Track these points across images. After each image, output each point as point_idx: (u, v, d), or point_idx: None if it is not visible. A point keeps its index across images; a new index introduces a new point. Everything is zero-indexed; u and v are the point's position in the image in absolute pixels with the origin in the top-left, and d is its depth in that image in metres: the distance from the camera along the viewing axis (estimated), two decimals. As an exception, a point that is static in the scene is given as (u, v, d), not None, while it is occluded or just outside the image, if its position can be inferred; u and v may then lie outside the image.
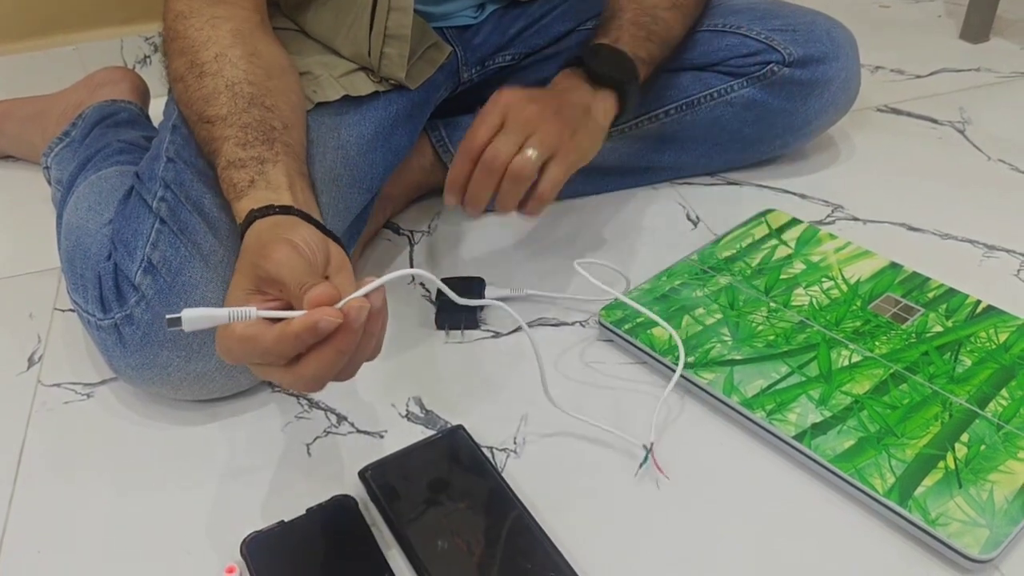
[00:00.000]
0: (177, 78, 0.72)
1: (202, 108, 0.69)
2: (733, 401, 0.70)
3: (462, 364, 0.78)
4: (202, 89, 0.70)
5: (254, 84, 0.70)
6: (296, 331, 0.51)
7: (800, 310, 0.79)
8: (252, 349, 0.53)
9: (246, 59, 0.71)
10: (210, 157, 0.69)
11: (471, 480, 0.66)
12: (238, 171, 0.65)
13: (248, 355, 0.54)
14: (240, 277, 0.57)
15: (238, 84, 0.69)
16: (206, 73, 0.70)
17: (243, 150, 0.66)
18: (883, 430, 0.67)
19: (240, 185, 0.64)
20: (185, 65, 0.72)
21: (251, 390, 0.76)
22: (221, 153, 0.66)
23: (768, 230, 0.90)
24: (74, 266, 0.78)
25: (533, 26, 0.98)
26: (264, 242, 0.57)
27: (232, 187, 0.64)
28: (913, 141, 1.09)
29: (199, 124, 0.70)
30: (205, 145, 0.69)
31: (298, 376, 0.53)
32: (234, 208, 0.64)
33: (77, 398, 0.78)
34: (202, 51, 0.71)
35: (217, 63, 0.70)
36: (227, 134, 0.67)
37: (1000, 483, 0.62)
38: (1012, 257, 0.88)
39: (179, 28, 0.73)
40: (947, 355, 0.73)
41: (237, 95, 0.69)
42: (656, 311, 0.79)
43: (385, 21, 0.81)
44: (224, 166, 0.66)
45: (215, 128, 0.68)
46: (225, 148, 0.66)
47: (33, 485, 0.70)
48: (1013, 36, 1.33)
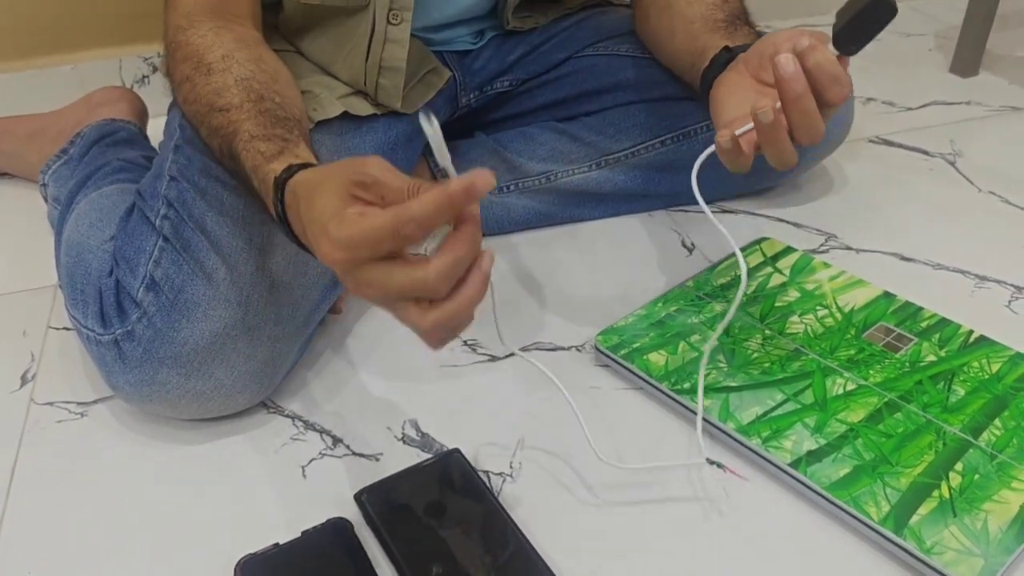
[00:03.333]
0: (183, 80, 0.72)
1: (212, 100, 0.69)
2: (729, 428, 0.70)
3: (459, 387, 0.79)
4: (211, 84, 0.70)
5: (261, 83, 0.70)
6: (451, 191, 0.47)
7: (795, 338, 0.79)
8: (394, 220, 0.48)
9: (253, 62, 0.72)
10: (225, 140, 0.68)
11: (467, 504, 0.66)
12: (264, 143, 0.65)
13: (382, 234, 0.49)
14: (330, 192, 0.53)
15: (247, 80, 0.70)
16: (214, 70, 0.70)
17: (264, 129, 0.66)
18: (878, 458, 0.67)
19: (269, 152, 0.64)
20: (191, 67, 0.72)
21: (247, 411, 0.76)
22: (241, 131, 0.66)
23: (763, 258, 0.91)
24: (74, 282, 0.78)
25: (532, 53, 0.99)
26: (352, 160, 0.54)
27: (259, 154, 0.64)
28: (905, 172, 1.10)
29: (211, 114, 0.69)
30: (219, 131, 0.68)
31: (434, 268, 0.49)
32: (263, 170, 0.63)
33: (70, 417, 0.77)
34: (207, 53, 0.72)
35: (224, 62, 0.71)
36: (244, 117, 0.67)
37: (994, 512, 0.63)
38: (1003, 288, 0.89)
39: (181, 39, 0.74)
40: (940, 384, 0.74)
41: (247, 89, 0.69)
42: (652, 337, 0.80)
43: (380, 53, 0.82)
44: (247, 139, 0.65)
45: (230, 114, 0.68)
46: (245, 126, 0.66)
47: (25, 505, 0.69)
48: (1002, 71, 1.35)
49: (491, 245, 0.97)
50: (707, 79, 0.77)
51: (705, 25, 0.82)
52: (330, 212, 0.52)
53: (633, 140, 0.96)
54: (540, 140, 0.98)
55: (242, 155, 0.66)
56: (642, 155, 0.97)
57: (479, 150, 0.99)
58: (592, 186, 0.98)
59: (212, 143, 0.71)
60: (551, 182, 0.97)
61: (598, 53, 0.98)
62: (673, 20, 0.86)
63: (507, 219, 0.98)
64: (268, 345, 0.73)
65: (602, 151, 0.97)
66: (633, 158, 0.97)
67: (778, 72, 0.62)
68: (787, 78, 0.62)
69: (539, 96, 1.01)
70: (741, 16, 0.83)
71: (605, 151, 0.97)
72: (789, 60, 0.62)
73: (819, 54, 0.62)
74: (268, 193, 0.63)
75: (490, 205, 0.97)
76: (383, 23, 0.81)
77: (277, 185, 0.61)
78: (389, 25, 0.81)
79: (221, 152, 0.70)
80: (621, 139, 0.96)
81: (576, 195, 0.98)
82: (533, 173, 0.97)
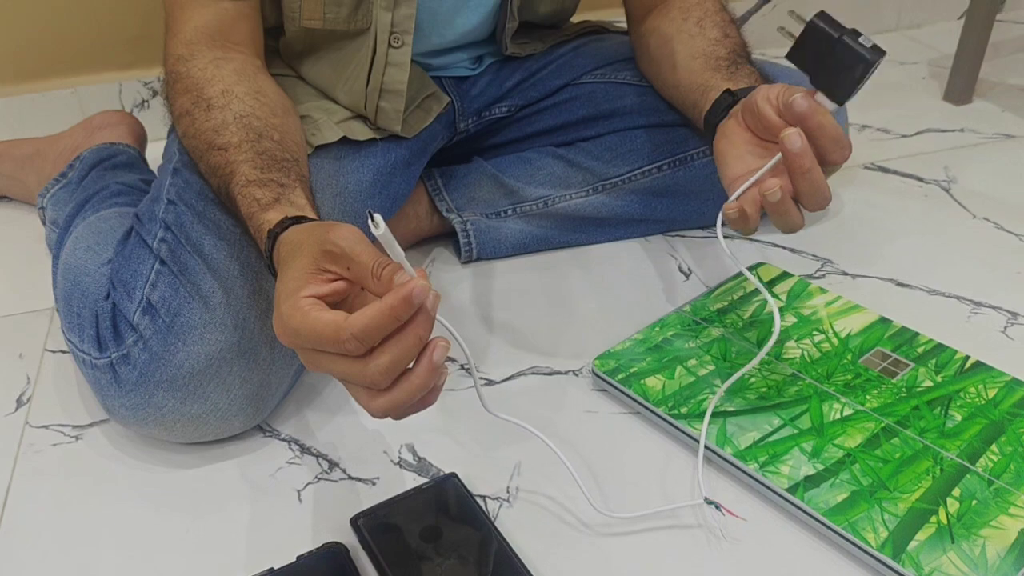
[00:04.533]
0: (183, 113, 0.73)
1: (211, 138, 0.70)
2: (726, 453, 0.70)
3: (455, 411, 0.78)
4: (210, 120, 0.71)
5: (260, 119, 0.71)
6: (391, 304, 0.49)
7: (792, 363, 0.79)
8: (335, 333, 0.50)
9: (252, 96, 0.73)
10: (223, 180, 0.69)
11: (463, 529, 0.65)
12: (260, 188, 0.66)
13: (323, 340, 0.51)
14: (302, 260, 0.55)
15: (246, 117, 0.71)
16: (214, 106, 0.71)
17: (261, 172, 0.67)
18: (875, 484, 0.67)
19: (264, 200, 0.65)
20: (191, 101, 0.73)
21: (243, 434, 0.75)
22: (238, 174, 0.67)
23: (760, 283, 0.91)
24: (71, 305, 0.78)
25: (529, 79, 1.00)
26: (327, 227, 0.55)
27: (255, 201, 0.65)
28: (900, 199, 1.11)
29: (208, 152, 0.70)
30: (216, 171, 0.70)
31: (373, 365, 0.51)
32: (258, 219, 0.64)
33: (65, 440, 0.77)
34: (207, 87, 0.73)
35: (224, 98, 0.72)
36: (242, 158, 0.68)
37: (992, 538, 0.62)
38: (999, 314, 0.89)
39: (181, 70, 0.74)
40: (937, 410, 0.74)
41: (246, 127, 0.70)
42: (649, 361, 0.80)
43: (382, 76, 0.83)
44: (243, 183, 0.66)
45: (228, 154, 0.69)
46: (242, 169, 0.67)
47: (18, 528, 0.69)
48: (995, 98, 1.37)
49: (489, 269, 0.97)
50: (709, 123, 0.78)
51: (707, 63, 0.83)
52: (290, 289, 0.54)
53: (631, 165, 0.97)
54: (538, 165, 0.99)
55: (238, 199, 0.67)
56: (639, 180, 0.98)
57: (477, 175, 0.99)
58: (590, 211, 0.98)
59: (210, 180, 0.72)
60: (549, 207, 0.98)
61: (596, 80, 0.99)
62: (675, 54, 0.87)
63: (505, 243, 0.98)
64: (264, 368, 0.73)
65: (599, 176, 0.97)
66: (630, 183, 0.97)
67: (785, 147, 0.63)
68: (795, 153, 0.63)
69: (537, 122, 1.01)
70: (742, 53, 0.84)
71: (603, 176, 0.97)
72: (796, 137, 0.63)
73: (821, 116, 0.63)
74: (261, 242, 0.64)
75: (488, 229, 0.97)
76: (384, 46, 0.82)
77: (270, 237, 0.62)
78: (391, 48, 0.82)
79: (218, 191, 0.71)
80: (619, 164, 0.97)
81: (574, 220, 0.99)
82: (531, 198, 0.97)
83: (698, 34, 0.85)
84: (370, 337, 0.50)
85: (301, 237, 0.58)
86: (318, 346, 0.52)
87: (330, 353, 0.52)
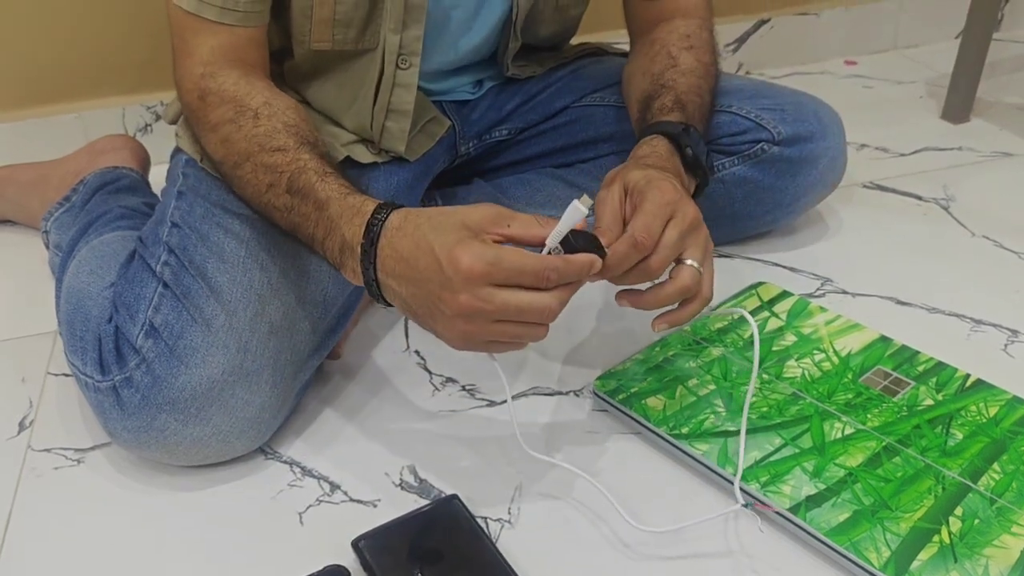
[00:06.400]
0: (223, 121, 0.74)
1: (264, 141, 0.71)
2: (728, 472, 0.70)
3: (457, 433, 0.78)
4: (260, 127, 0.72)
5: (306, 132, 0.74)
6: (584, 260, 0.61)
7: (792, 382, 0.80)
8: (541, 263, 0.59)
9: (292, 109, 0.75)
10: (285, 175, 0.70)
11: (465, 551, 0.65)
12: (343, 179, 0.69)
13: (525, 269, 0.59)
14: (456, 223, 0.60)
15: (294, 127, 0.73)
16: (261, 115, 0.73)
17: (335, 169, 0.70)
18: (877, 503, 0.67)
19: (350, 188, 0.68)
20: (233, 111, 0.74)
21: (245, 457, 0.75)
22: (311, 167, 0.69)
23: (759, 302, 0.91)
24: (73, 328, 0.78)
25: (529, 102, 1.00)
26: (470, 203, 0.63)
27: (342, 186, 0.68)
28: (899, 217, 1.11)
29: (262, 153, 0.71)
30: (274, 168, 0.70)
31: (556, 296, 0.60)
32: (352, 198, 0.66)
33: (67, 463, 0.77)
34: (247, 99, 0.74)
35: (268, 108, 0.73)
36: (307, 156, 0.70)
37: (995, 558, 0.62)
38: (999, 332, 0.89)
39: (211, 85, 0.75)
40: (938, 428, 0.74)
41: (298, 135, 0.72)
42: (650, 381, 0.80)
43: (389, 96, 0.84)
44: (322, 174, 0.68)
45: (290, 153, 0.70)
46: (314, 165, 0.69)
47: (20, 551, 0.69)
48: (993, 117, 1.37)
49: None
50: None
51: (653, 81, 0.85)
52: (469, 235, 0.60)
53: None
54: (538, 186, 1.00)
55: (317, 186, 0.68)
56: (638, 201, 0.98)
57: (478, 196, 1.00)
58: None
59: (258, 179, 0.71)
60: (549, 227, 0.98)
61: (595, 103, 1.00)
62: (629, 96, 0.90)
63: None
64: (266, 391, 0.73)
65: (598, 197, 0.98)
66: (630, 204, 0.98)
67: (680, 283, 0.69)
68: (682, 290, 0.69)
69: (537, 144, 1.02)
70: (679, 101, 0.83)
71: (601, 197, 0.98)
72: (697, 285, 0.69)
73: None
74: (356, 217, 0.65)
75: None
76: (392, 67, 0.82)
77: (379, 209, 0.64)
78: (398, 69, 0.83)
79: (271, 187, 0.71)
80: (618, 185, 0.97)
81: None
82: (531, 219, 0.98)
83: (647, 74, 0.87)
84: (570, 274, 0.60)
85: (440, 210, 0.63)
86: (516, 276, 0.59)
87: (513, 287, 0.59)
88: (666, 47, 0.87)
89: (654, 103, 0.82)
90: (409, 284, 0.62)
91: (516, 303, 0.59)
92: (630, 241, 0.66)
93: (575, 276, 0.61)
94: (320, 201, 0.67)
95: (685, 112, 0.81)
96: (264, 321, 0.73)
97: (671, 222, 0.68)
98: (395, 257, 0.62)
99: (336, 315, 0.81)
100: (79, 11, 1.20)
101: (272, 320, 0.74)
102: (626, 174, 0.72)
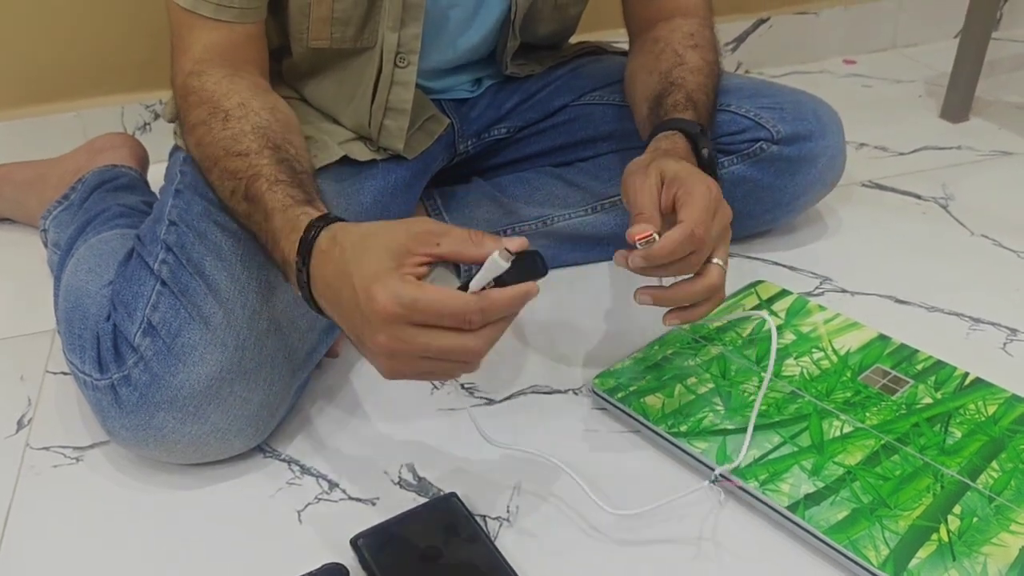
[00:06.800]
0: (198, 123, 0.73)
1: (229, 145, 0.70)
2: (726, 471, 0.70)
3: (455, 431, 0.78)
4: (228, 130, 0.71)
5: (277, 133, 0.72)
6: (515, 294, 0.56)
7: (791, 380, 0.80)
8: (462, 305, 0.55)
9: (268, 110, 0.74)
10: (242, 181, 0.69)
11: (464, 549, 0.65)
12: (292, 188, 0.67)
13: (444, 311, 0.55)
14: (382, 245, 0.57)
15: (263, 129, 0.71)
16: (231, 117, 0.72)
17: (289, 176, 0.68)
18: (876, 501, 0.67)
19: (298, 198, 0.66)
20: (207, 112, 0.73)
21: (243, 455, 0.75)
22: (264, 175, 0.68)
23: (758, 301, 0.91)
24: (72, 327, 0.78)
25: (528, 101, 1.00)
26: (398, 220, 0.60)
27: (288, 197, 0.66)
28: (898, 216, 1.11)
29: (226, 158, 0.70)
30: (235, 173, 0.69)
31: (484, 337, 0.56)
32: (293, 212, 0.65)
33: (66, 462, 0.77)
34: (223, 100, 0.73)
35: (241, 110, 0.72)
36: (265, 163, 0.69)
37: (994, 556, 0.62)
38: (998, 330, 0.89)
39: (194, 84, 0.75)
40: (937, 427, 0.74)
41: (265, 138, 0.71)
42: (648, 379, 0.80)
43: (387, 95, 0.84)
44: (272, 182, 0.67)
45: (250, 158, 0.69)
46: (268, 171, 0.68)
47: (19, 549, 0.69)
48: (991, 116, 1.37)
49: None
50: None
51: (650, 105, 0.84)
52: (386, 268, 0.56)
53: None
54: (536, 185, 1.00)
55: (266, 195, 0.67)
56: (637, 199, 0.98)
57: (477, 195, 1.00)
58: (588, 230, 0.99)
59: (223, 184, 0.71)
60: (547, 226, 0.98)
61: (594, 102, 1.00)
62: (634, 94, 0.89)
63: None
64: (264, 389, 0.73)
65: (598, 196, 0.98)
66: (628, 202, 0.98)
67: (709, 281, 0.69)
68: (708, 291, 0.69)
69: (536, 143, 1.02)
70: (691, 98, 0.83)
71: (601, 195, 0.98)
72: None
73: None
74: (292, 234, 0.63)
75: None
76: (390, 65, 0.82)
77: (311, 227, 0.62)
78: (396, 68, 0.83)
79: (233, 194, 0.70)
80: (616, 183, 0.97)
81: (572, 239, 0.99)
82: (530, 217, 0.98)
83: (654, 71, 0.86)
84: (497, 312, 0.56)
85: (368, 228, 0.60)
86: (434, 319, 0.55)
87: (436, 327, 0.56)
88: (671, 45, 0.87)
89: (666, 100, 0.82)
90: (336, 312, 0.61)
91: (437, 346, 0.56)
92: (687, 232, 0.65)
93: (502, 314, 0.57)
94: (267, 212, 0.66)
95: (696, 110, 0.81)
96: (262, 319, 0.73)
97: (715, 218, 0.67)
98: (323, 283, 0.61)
99: (334, 313, 0.81)
100: (79, 10, 1.19)
101: (270, 318, 0.74)
102: (661, 164, 0.70)
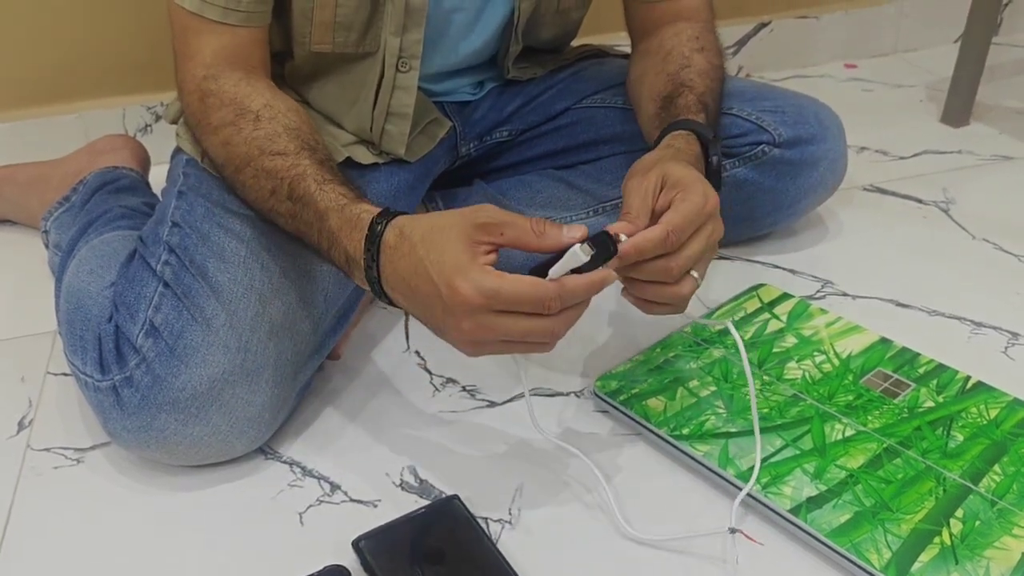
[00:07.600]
0: (223, 124, 0.73)
1: (264, 144, 0.71)
2: (728, 474, 0.70)
3: (457, 433, 0.78)
4: (260, 130, 0.72)
5: (307, 134, 0.73)
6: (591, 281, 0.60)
7: (793, 383, 0.80)
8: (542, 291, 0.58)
9: (294, 112, 0.75)
10: (285, 180, 0.70)
11: (466, 551, 0.65)
12: (342, 187, 0.68)
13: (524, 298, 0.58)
14: (452, 236, 0.60)
15: (295, 130, 0.72)
16: (262, 118, 0.72)
17: (334, 175, 0.69)
18: (878, 504, 0.67)
19: (350, 195, 0.67)
20: (233, 113, 0.73)
21: (245, 457, 0.75)
22: (309, 175, 0.69)
23: (760, 304, 0.91)
24: (73, 328, 0.78)
25: (530, 103, 1.00)
26: (467, 208, 0.62)
27: (341, 196, 0.67)
28: (899, 220, 1.11)
29: (262, 157, 0.71)
30: (276, 172, 0.70)
31: (562, 321, 0.60)
32: (351, 210, 0.66)
33: (67, 463, 0.77)
34: (248, 101, 0.74)
35: (269, 111, 0.73)
36: (307, 162, 0.70)
37: (996, 559, 0.62)
38: (999, 334, 0.89)
39: (212, 87, 0.75)
40: (939, 430, 0.74)
41: (299, 139, 0.72)
42: (650, 382, 0.80)
43: (389, 99, 0.84)
44: (321, 181, 0.68)
45: (290, 158, 0.70)
46: (312, 171, 0.69)
47: (20, 551, 0.69)
48: (992, 120, 1.38)
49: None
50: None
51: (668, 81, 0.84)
52: (464, 260, 0.59)
53: None
54: (538, 188, 1.00)
55: (316, 195, 0.68)
56: (639, 202, 0.98)
57: (478, 197, 1.00)
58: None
59: (260, 184, 0.71)
60: (549, 229, 0.98)
61: (595, 105, 1.00)
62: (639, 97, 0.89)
63: (505, 266, 0.98)
64: (266, 391, 0.73)
65: (599, 198, 0.98)
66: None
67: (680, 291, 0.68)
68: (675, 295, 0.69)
69: (537, 146, 1.02)
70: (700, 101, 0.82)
71: (603, 198, 0.98)
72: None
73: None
74: (355, 232, 0.65)
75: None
76: (392, 70, 0.82)
77: (375, 224, 0.64)
78: (398, 72, 0.83)
79: (273, 193, 0.70)
80: (618, 186, 0.97)
81: (574, 242, 0.99)
82: (531, 220, 0.98)
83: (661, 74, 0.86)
84: (575, 298, 0.60)
85: (433, 222, 0.62)
86: (515, 305, 0.59)
87: (516, 313, 0.59)
88: (677, 48, 0.87)
89: (677, 100, 0.81)
90: (414, 305, 0.63)
91: (519, 329, 0.60)
92: (660, 234, 0.65)
93: (578, 299, 0.61)
94: (320, 211, 0.67)
95: (707, 114, 0.80)
96: (265, 321, 0.73)
97: (701, 231, 0.67)
98: (396, 277, 0.63)
99: (337, 315, 0.81)
100: (79, 11, 1.20)
101: (273, 320, 0.74)
102: (666, 166, 0.70)
